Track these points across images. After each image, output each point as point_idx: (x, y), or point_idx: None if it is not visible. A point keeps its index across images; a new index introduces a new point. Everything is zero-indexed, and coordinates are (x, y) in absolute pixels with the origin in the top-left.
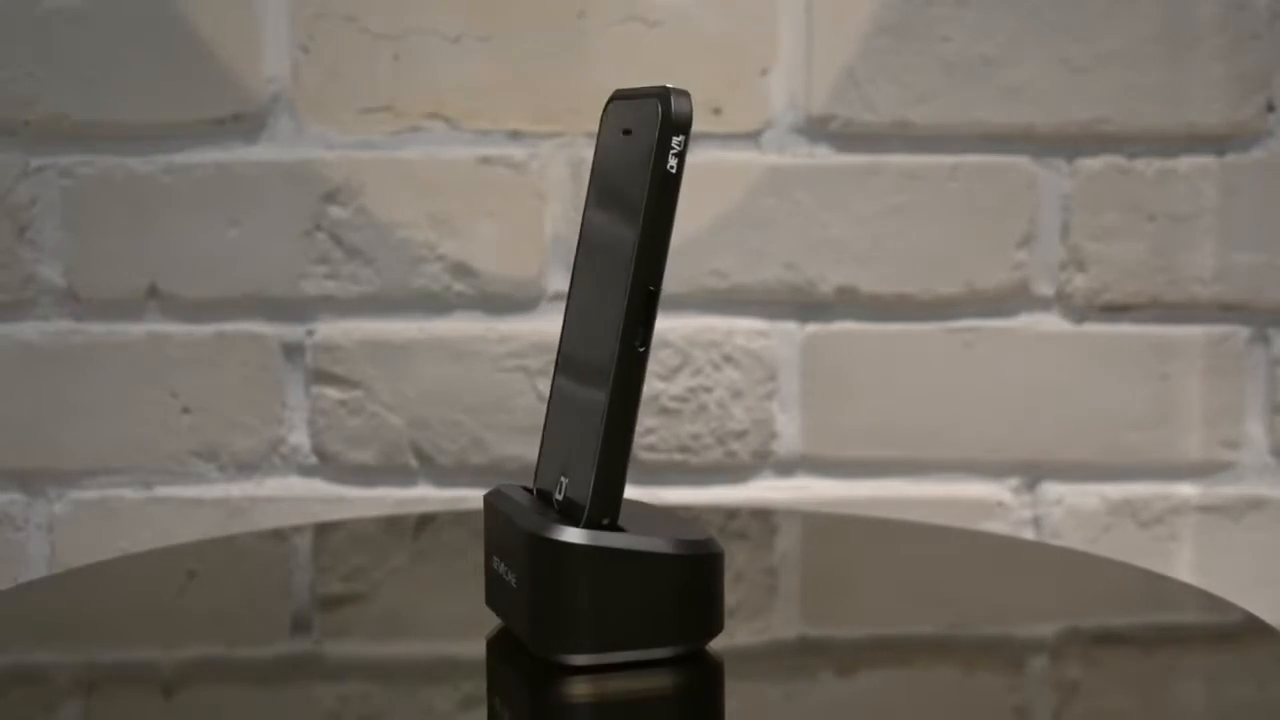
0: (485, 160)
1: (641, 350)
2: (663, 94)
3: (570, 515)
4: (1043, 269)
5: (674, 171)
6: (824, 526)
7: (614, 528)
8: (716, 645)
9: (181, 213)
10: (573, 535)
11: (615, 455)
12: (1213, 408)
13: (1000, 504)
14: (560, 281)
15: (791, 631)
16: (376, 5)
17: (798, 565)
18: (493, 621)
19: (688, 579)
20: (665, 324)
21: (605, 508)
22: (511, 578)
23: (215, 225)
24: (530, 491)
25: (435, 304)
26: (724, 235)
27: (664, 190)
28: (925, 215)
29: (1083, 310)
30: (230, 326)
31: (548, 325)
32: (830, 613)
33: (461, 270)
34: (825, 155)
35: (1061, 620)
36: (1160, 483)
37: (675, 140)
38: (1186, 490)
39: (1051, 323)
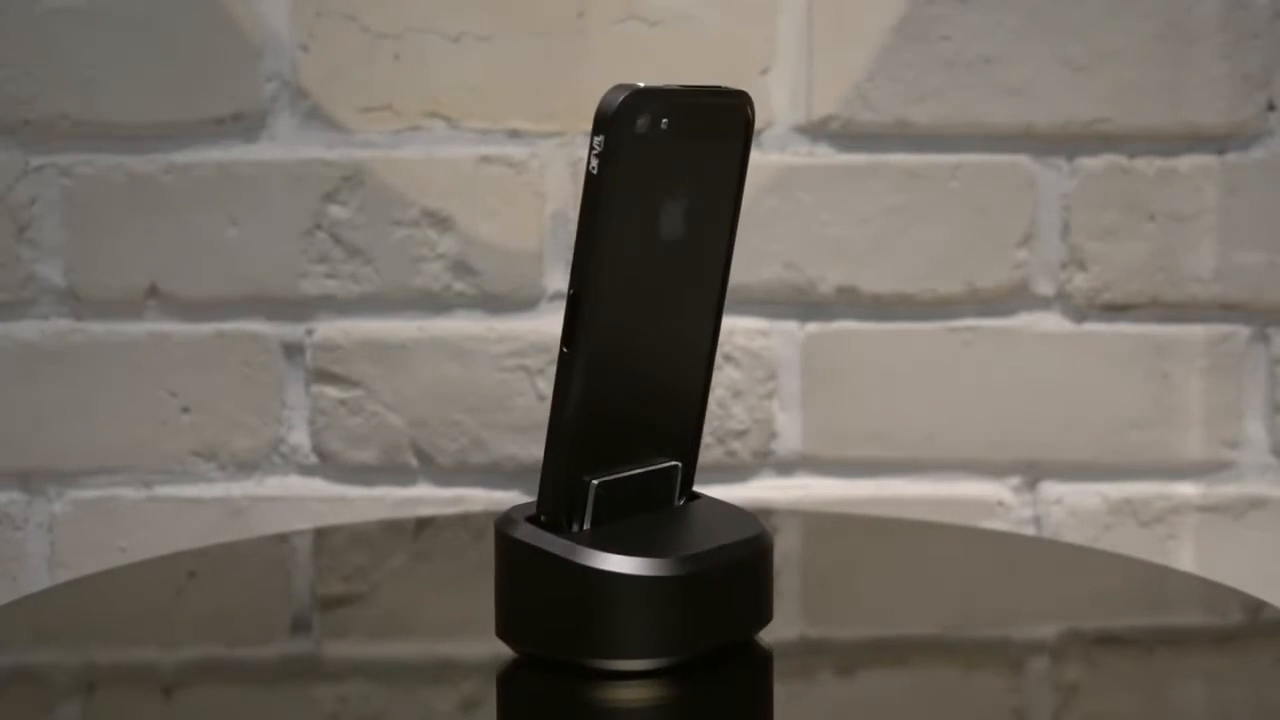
0: (485, 160)
1: (565, 352)
2: None
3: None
4: (1043, 268)
5: (595, 173)
6: (824, 526)
7: (553, 527)
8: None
9: (181, 213)
10: (508, 527)
11: (551, 457)
12: (1213, 407)
13: (1000, 503)
14: (560, 281)
15: (792, 631)
16: (376, 4)
17: (798, 565)
18: (491, 621)
19: (612, 595)
20: None
21: (544, 505)
22: None
23: (215, 225)
24: None
25: (435, 303)
26: None
27: (586, 192)
28: (925, 215)
29: (1083, 310)
30: (230, 326)
31: (548, 325)
32: (830, 613)
33: (461, 269)
34: (825, 155)
35: (1062, 619)
36: (1160, 482)
37: (596, 140)
38: (1187, 490)
39: (1052, 322)
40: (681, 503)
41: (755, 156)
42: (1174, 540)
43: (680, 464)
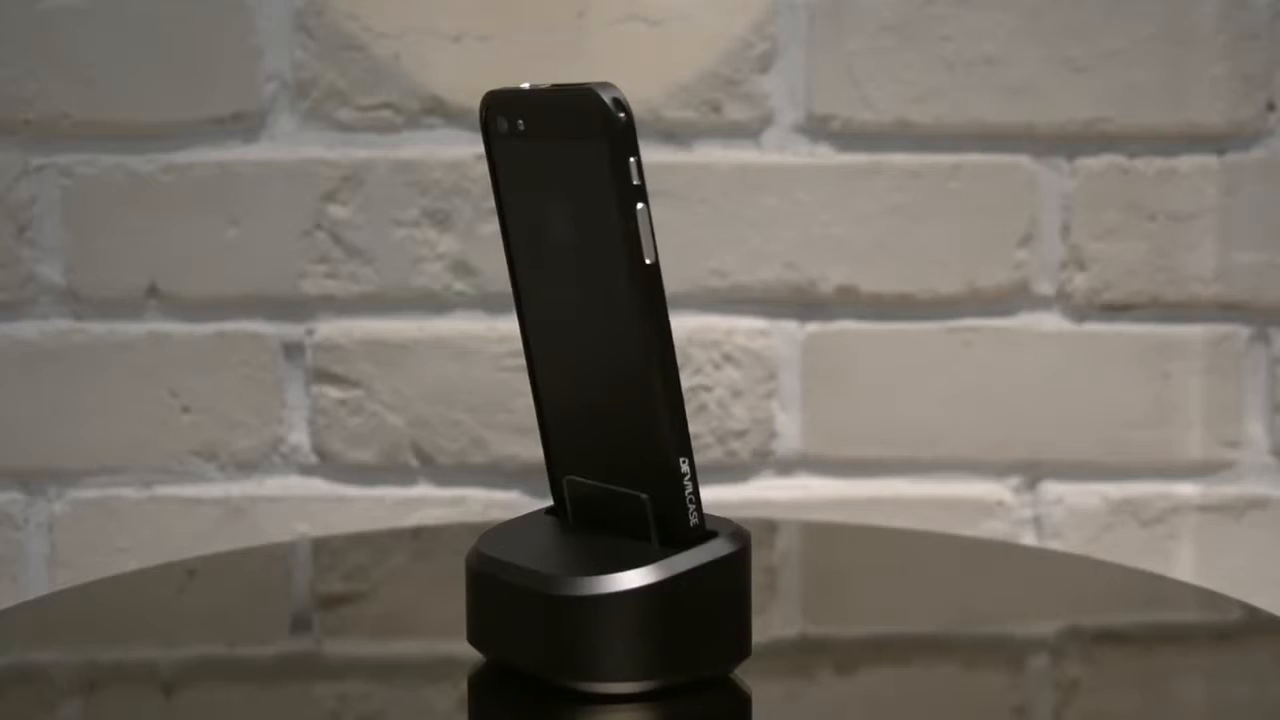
0: (485, 159)
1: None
2: None
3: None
4: (1043, 268)
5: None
6: (821, 533)
7: (553, 513)
8: None
9: (181, 212)
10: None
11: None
12: (1213, 407)
13: (1000, 503)
14: None
15: (791, 631)
16: (376, 4)
17: (798, 565)
18: None
19: (535, 606)
20: None
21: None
22: None
23: (215, 225)
24: None
25: (435, 303)
26: (724, 234)
27: None
28: (925, 215)
29: (1083, 310)
30: (230, 326)
31: None
32: (830, 613)
33: (461, 269)
34: (825, 155)
35: (1062, 620)
36: (1161, 482)
37: None
38: (1187, 490)
39: (1052, 322)
40: (657, 539)
41: (754, 156)
42: (1174, 540)
43: (647, 497)
